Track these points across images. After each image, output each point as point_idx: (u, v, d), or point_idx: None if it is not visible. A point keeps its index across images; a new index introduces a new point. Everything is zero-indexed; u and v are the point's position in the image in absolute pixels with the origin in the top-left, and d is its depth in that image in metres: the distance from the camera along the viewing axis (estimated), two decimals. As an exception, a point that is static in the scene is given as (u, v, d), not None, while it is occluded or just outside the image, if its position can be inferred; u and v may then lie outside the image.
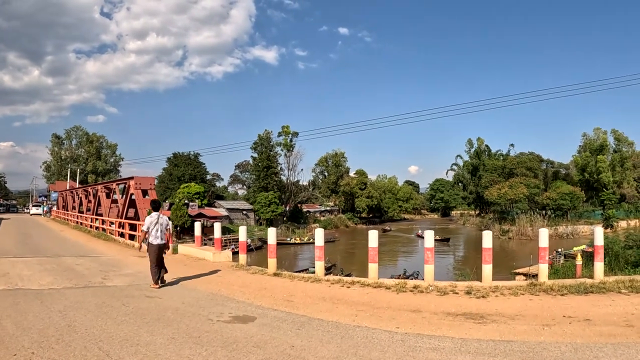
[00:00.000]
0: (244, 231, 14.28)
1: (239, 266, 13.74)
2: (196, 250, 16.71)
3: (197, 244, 17.45)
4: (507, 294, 9.32)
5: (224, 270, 13.30)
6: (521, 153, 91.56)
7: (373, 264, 10.93)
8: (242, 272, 12.88)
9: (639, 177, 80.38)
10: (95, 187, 34.81)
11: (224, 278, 12.04)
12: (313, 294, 9.66)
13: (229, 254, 15.44)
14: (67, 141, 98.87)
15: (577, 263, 19.91)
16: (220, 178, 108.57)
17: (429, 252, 10.48)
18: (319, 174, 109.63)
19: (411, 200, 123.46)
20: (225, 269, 13.63)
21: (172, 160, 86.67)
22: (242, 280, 11.54)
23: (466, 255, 50.60)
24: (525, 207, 66.27)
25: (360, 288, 10.13)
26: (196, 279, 11.96)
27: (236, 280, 11.65)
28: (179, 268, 14.07)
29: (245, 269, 13.35)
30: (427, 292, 9.58)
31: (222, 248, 16.05)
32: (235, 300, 9.27)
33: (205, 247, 17.00)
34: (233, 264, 14.31)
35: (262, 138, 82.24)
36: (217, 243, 15.79)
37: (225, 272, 13.09)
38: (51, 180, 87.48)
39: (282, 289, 10.33)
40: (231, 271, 13.18)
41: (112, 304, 8.91)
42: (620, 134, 77.54)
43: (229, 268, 13.72)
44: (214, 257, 15.21)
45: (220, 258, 15.19)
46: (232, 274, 12.61)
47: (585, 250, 41.56)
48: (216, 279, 11.86)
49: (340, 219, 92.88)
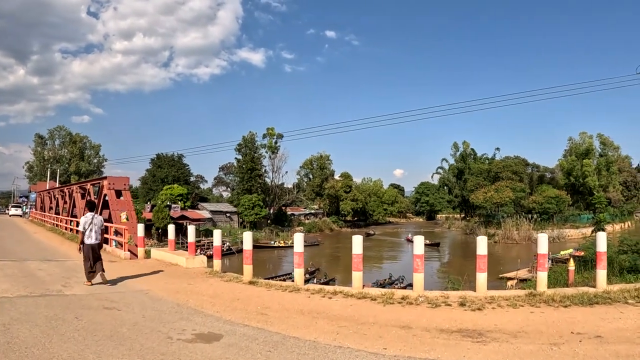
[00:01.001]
0: (219, 235, 13.27)
1: (212, 273, 12.72)
2: (169, 255, 15.65)
3: (171, 248, 16.41)
4: (504, 305, 8.42)
5: (196, 278, 12.29)
6: (507, 157, 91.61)
7: (357, 272, 9.98)
8: (215, 280, 11.86)
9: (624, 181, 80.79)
10: (71, 188, 33.64)
11: (195, 286, 11.02)
12: (290, 306, 8.67)
13: (203, 259, 14.40)
14: (50, 141, 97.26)
15: (570, 268, 19.14)
16: (204, 180, 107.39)
17: (419, 260, 9.53)
18: (303, 176, 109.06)
19: (396, 203, 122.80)
20: (198, 275, 12.62)
21: (156, 162, 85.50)
22: (214, 290, 10.52)
23: (452, 259, 49.98)
24: (511, 211, 66.00)
25: (343, 299, 9.14)
26: (164, 287, 10.94)
27: (207, 289, 10.63)
28: (150, 274, 13.15)
29: (220, 276, 12.34)
30: (417, 303, 8.63)
31: (197, 252, 15.01)
32: (202, 314, 8.26)
33: (179, 252, 15.93)
34: (207, 270, 13.27)
35: (247, 140, 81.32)
36: (191, 247, 14.76)
37: (198, 279, 12.07)
38: (33, 181, 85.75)
39: (257, 299, 9.32)
40: (204, 278, 12.16)
41: (65, 317, 7.88)
42: (606, 138, 77.91)
43: (202, 275, 12.70)
44: (187, 263, 14.18)
45: (194, 264, 14.15)
46: (205, 282, 11.59)
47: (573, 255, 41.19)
48: (186, 288, 10.84)
49: (324, 222, 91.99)
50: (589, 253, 16.67)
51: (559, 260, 37.04)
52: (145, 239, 17.37)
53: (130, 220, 20.70)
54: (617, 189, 77.34)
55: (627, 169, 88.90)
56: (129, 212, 21.41)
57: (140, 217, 53.48)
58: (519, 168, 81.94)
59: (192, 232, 14.79)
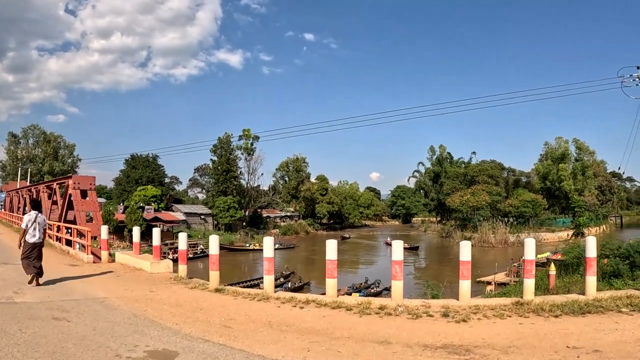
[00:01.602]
0: (184, 238, 12.38)
1: (177, 279, 11.82)
2: (134, 259, 14.70)
3: (135, 251, 15.43)
4: (491, 316, 7.76)
5: (159, 284, 11.40)
6: (483, 161, 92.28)
7: (331, 280, 9.23)
8: (179, 287, 10.98)
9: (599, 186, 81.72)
10: (38, 187, 32.44)
11: (157, 294, 10.14)
12: (258, 318, 7.84)
13: (169, 264, 13.49)
14: (24, 140, 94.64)
15: (551, 273, 18.62)
16: (178, 181, 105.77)
17: (397, 266, 8.81)
18: (279, 179, 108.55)
19: (372, 206, 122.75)
20: (161, 282, 11.72)
21: (130, 162, 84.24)
22: (176, 298, 9.64)
23: (429, 263, 49.58)
24: (488, 215, 66.07)
25: (316, 309, 8.35)
26: (123, 295, 10.04)
27: (170, 297, 9.75)
28: (110, 280, 12.24)
29: (185, 282, 11.45)
30: (396, 314, 7.89)
31: (170, 256, 14.08)
32: (159, 326, 7.41)
33: (144, 256, 14.95)
34: (172, 276, 12.37)
35: (222, 141, 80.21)
36: (156, 251, 13.81)
37: (161, 285, 11.18)
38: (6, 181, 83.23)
39: (222, 310, 8.47)
40: (167, 285, 11.27)
41: (8, 329, 6.97)
42: (581, 143, 78.66)
43: (167, 281, 11.80)
44: (152, 268, 13.26)
45: (159, 268, 13.25)
46: (168, 289, 10.71)
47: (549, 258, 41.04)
48: (146, 296, 9.96)
49: (300, 225, 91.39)
50: (570, 257, 16.14)
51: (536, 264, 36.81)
52: (118, 241, 16.42)
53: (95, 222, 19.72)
54: (592, 193, 78.14)
55: (602, 173, 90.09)
56: (94, 213, 20.44)
57: (112, 218, 52.17)
58: (495, 172, 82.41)
59: (157, 235, 13.82)
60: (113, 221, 51.60)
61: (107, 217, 52.15)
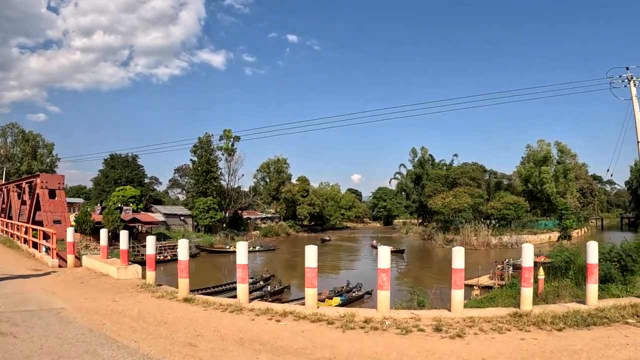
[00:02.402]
0: (153, 242, 11.39)
1: (145, 286, 10.85)
2: (101, 264, 13.67)
3: (103, 255, 14.36)
4: (488, 329, 6.98)
5: (124, 292, 10.42)
6: (465, 163, 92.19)
7: (311, 289, 8.36)
8: (145, 296, 10.01)
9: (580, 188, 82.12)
10: (8, 187, 31.02)
11: (120, 304, 9.18)
12: (228, 333, 6.94)
13: (137, 269, 12.48)
14: (2, 139, 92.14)
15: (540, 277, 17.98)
16: (158, 182, 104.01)
17: (384, 275, 7.97)
18: (260, 180, 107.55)
19: (354, 208, 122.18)
20: (127, 289, 10.74)
21: (109, 162, 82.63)
22: (140, 309, 8.68)
23: (411, 266, 48.93)
24: (470, 217, 65.77)
25: (294, 322, 7.46)
26: (82, 305, 9.07)
27: (133, 308, 8.79)
28: (73, 287, 11.24)
29: (152, 290, 10.49)
30: (383, 328, 7.04)
31: (129, 261, 13.06)
32: (116, 345, 6.49)
33: (111, 260, 13.91)
34: (140, 283, 11.38)
35: (202, 141, 78.99)
36: (123, 255, 12.80)
37: (126, 294, 10.21)
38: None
39: (189, 324, 7.56)
40: (133, 293, 10.30)
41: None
42: (563, 146, 78.97)
43: (133, 288, 10.82)
44: (119, 274, 12.27)
45: (127, 274, 12.26)
46: (133, 298, 9.74)
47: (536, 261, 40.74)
48: (108, 306, 8.99)
49: (281, 227, 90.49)
50: (558, 260, 15.53)
51: (519, 267, 36.44)
52: (95, 242, 15.29)
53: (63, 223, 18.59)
54: (574, 195, 78.48)
55: (584, 176, 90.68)
56: (62, 215, 19.30)
57: (89, 219, 50.64)
58: (477, 174, 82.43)
59: (124, 238, 12.83)
60: (90, 222, 50.16)
61: (83, 218, 50.72)
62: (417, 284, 37.70)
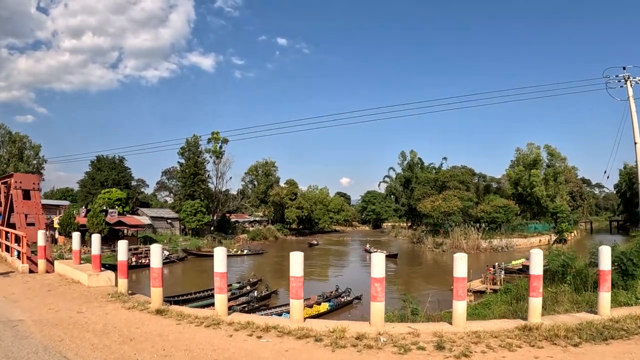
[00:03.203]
0: (125, 247, 10.39)
1: (116, 295, 9.92)
2: (72, 270, 12.72)
3: (75, 261, 13.39)
4: (496, 347, 6.17)
5: (93, 302, 9.47)
6: (454, 166, 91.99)
7: (297, 301, 7.49)
8: (115, 306, 9.07)
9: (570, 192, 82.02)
10: (-16, 188, 29.85)
11: (85, 316, 8.25)
12: (201, 354, 5.99)
13: (110, 276, 11.52)
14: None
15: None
16: (145, 184, 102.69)
17: (378, 285, 7.14)
18: (248, 183, 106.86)
19: (342, 212, 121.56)
20: (96, 299, 9.80)
21: (96, 164, 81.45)
22: (106, 322, 7.73)
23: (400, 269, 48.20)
24: (460, 220, 65.24)
25: (278, 339, 6.57)
26: (43, 317, 8.14)
27: (99, 321, 7.85)
28: (38, 295, 10.29)
29: (124, 299, 9.56)
30: (378, 346, 6.16)
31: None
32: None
33: (83, 266, 12.96)
34: (112, 292, 10.41)
35: (190, 143, 77.87)
36: (95, 261, 11.83)
37: (94, 304, 9.26)
38: (-32, 181, 78.92)
39: (158, 340, 6.64)
40: (102, 303, 9.33)
41: None
42: (553, 149, 78.69)
43: (103, 298, 9.88)
44: (90, 281, 11.33)
45: (98, 282, 11.32)
46: (100, 309, 8.78)
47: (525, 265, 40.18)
48: (71, 318, 8.06)
49: (269, 230, 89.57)
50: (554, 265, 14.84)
51: (510, 271, 35.83)
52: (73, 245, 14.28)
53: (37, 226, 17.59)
54: (564, 199, 78.30)
55: (573, 179, 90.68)
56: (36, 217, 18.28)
57: (73, 222, 49.43)
58: (466, 178, 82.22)
59: (96, 242, 11.85)
60: (74, 225, 48.96)
61: (67, 220, 49.54)
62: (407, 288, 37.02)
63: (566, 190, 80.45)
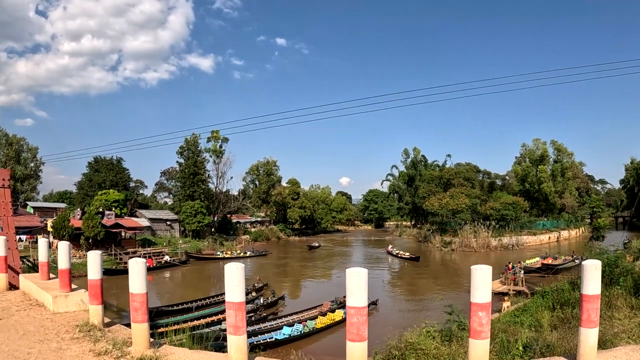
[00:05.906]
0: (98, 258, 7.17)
1: (85, 328, 7.05)
2: (37, 289, 9.68)
3: (42, 276, 10.46)
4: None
5: (51, 341, 6.54)
6: (458, 164, 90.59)
7: None
8: (79, 349, 6.20)
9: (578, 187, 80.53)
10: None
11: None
12: None
13: (82, 297, 8.52)
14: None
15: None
16: (144, 185, 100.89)
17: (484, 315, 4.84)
18: (249, 182, 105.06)
19: (345, 211, 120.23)
20: (59, 333, 6.98)
21: (93, 165, 79.86)
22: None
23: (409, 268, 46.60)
24: (468, 218, 63.60)
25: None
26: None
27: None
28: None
29: (95, 337, 6.68)
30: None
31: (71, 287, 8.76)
32: None
33: (51, 282, 9.91)
34: (81, 323, 7.34)
35: (189, 142, 76.04)
36: (63, 278, 8.90)
37: (51, 345, 6.34)
38: (-36, 184, 77.33)
39: None
40: (63, 344, 6.40)
41: None
42: (560, 144, 77.29)
43: (67, 332, 7.05)
44: (56, 304, 8.51)
45: (67, 306, 8.52)
46: (56, 355, 5.89)
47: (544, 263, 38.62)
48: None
49: (271, 231, 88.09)
50: (610, 268, 13.13)
51: (528, 270, 34.21)
52: (74, 250, 11.70)
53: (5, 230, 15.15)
54: (573, 194, 76.91)
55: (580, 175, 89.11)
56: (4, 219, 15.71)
57: (67, 225, 47.55)
58: (471, 175, 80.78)
59: (64, 251, 8.78)
60: (68, 228, 47.18)
61: (61, 223, 47.70)
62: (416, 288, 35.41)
63: (574, 186, 79.00)
